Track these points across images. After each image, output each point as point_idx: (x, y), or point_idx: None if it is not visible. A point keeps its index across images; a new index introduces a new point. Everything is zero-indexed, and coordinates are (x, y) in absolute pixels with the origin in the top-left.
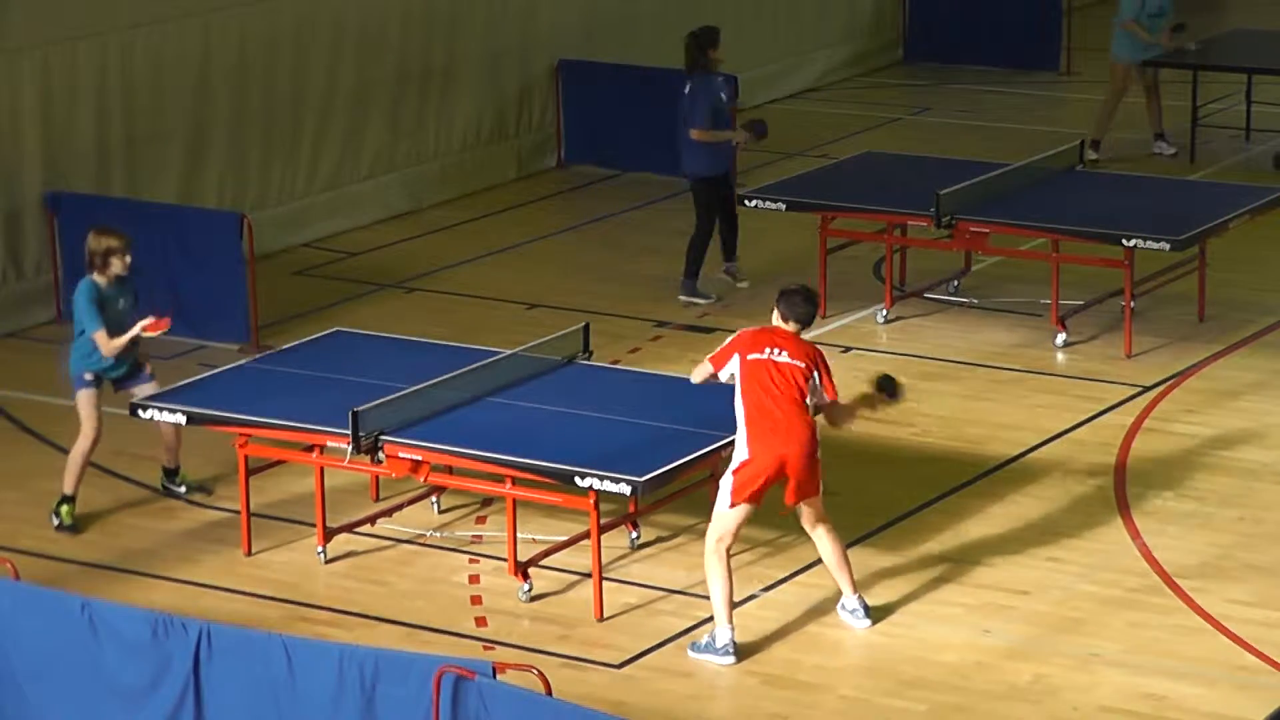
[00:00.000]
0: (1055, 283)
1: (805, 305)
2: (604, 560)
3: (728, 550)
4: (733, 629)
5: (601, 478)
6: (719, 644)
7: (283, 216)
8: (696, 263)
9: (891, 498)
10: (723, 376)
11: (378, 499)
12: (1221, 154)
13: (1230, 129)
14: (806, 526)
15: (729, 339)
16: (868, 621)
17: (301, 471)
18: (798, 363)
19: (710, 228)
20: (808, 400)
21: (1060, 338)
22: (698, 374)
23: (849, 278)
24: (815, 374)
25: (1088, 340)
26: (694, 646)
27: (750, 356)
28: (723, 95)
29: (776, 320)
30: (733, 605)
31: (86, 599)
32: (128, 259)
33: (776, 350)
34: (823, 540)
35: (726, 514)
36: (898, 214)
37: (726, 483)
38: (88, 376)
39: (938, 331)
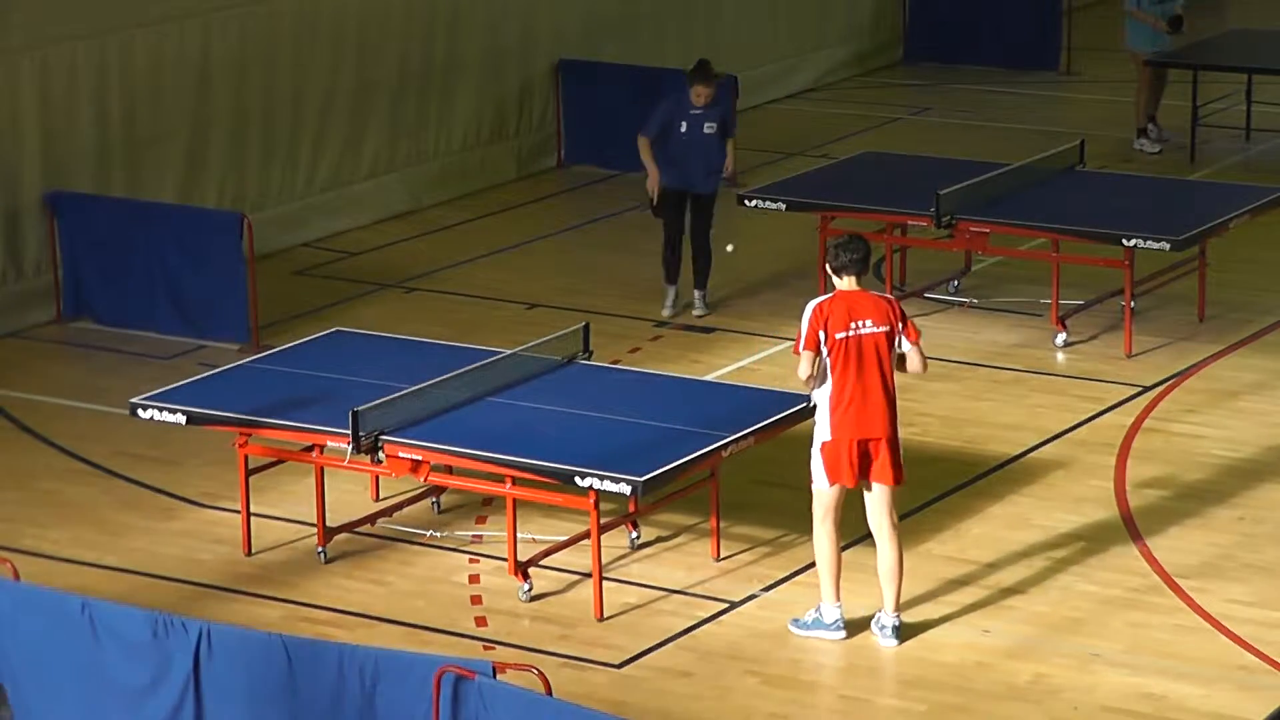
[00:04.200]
0: (1055, 283)
1: (865, 252)
2: (604, 560)
3: (835, 524)
4: (840, 605)
5: (601, 478)
6: (828, 620)
7: (283, 216)
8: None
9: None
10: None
11: (378, 499)
12: (1221, 154)
13: (1230, 129)
14: (872, 519)
15: (805, 321)
16: (894, 642)
17: (301, 471)
18: (881, 329)
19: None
20: (892, 367)
21: (1060, 338)
22: (804, 370)
23: None
24: (899, 334)
25: (1088, 340)
26: (797, 623)
27: (838, 335)
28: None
29: (841, 282)
30: (839, 581)
31: (86, 599)
32: None
33: (862, 322)
34: (885, 543)
35: (824, 491)
36: (898, 214)
37: (817, 461)
38: None
39: (938, 331)
